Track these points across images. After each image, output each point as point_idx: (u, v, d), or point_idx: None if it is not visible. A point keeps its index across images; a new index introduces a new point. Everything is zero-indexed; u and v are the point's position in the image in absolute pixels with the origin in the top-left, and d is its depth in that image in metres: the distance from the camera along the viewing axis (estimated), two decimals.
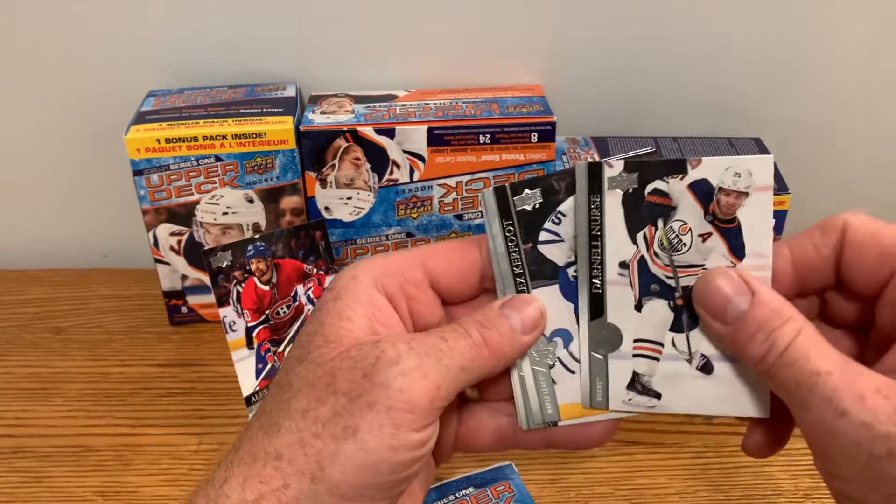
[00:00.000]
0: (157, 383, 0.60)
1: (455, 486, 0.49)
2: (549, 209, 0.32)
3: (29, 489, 0.52)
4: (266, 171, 0.60)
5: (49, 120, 0.69)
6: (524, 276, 0.33)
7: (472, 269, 0.33)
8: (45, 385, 0.60)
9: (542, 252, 0.32)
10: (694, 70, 0.67)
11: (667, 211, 0.31)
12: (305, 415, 0.28)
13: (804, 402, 0.27)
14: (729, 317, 0.30)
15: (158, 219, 0.61)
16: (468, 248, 0.33)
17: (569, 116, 0.66)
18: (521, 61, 0.67)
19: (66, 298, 0.69)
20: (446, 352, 0.30)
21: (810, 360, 0.27)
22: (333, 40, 0.66)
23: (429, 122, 0.59)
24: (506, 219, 0.32)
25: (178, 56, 0.66)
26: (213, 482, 0.29)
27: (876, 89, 0.68)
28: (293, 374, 0.30)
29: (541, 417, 0.33)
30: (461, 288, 0.33)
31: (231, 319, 0.49)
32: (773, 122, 0.69)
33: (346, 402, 0.28)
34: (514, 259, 0.33)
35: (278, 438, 0.28)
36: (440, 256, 0.33)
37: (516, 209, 0.32)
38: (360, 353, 0.29)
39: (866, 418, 0.25)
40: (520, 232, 0.32)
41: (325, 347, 0.30)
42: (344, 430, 0.28)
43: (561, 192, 0.32)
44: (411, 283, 0.32)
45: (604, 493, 0.51)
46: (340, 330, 0.30)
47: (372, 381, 0.28)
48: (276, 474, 0.28)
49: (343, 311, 0.30)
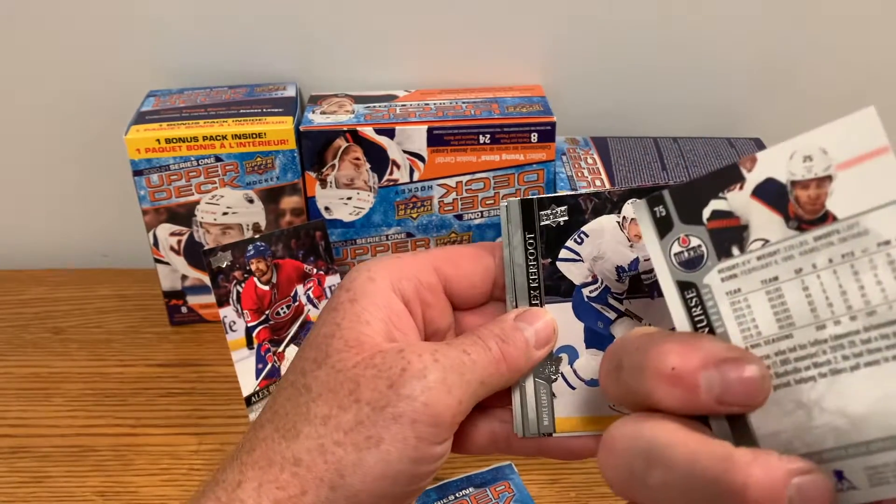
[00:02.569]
0: (157, 383, 0.60)
1: (455, 486, 0.49)
2: (573, 228, 0.32)
3: (29, 489, 0.52)
4: (266, 172, 0.60)
5: (49, 120, 0.69)
6: (539, 289, 0.33)
7: (484, 277, 0.33)
8: (45, 385, 0.60)
9: (560, 269, 0.33)
10: (694, 70, 0.67)
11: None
12: (327, 421, 0.28)
13: None
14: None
15: (158, 219, 0.61)
16: (482, 255, 0.33)
17: (569, 116, 0.66)
18: (521, 61, 0.67)
19: (66, 298, 0.69)
20: (469, 366, 0.29)
21: None
22: (333, 40, 0.66)
23: (429, 122, 0.59)
24: (528, 231, 0.32)
25: (178, 56, 0.66)
26: (225, 484, 0.28)
27: (876, 89, 0.68)
28: (311, 377, 0.29)
29: (537, 428, 0.33)
30: (472, 295, 0.33)
31: (231, 319, 0.49)
32: (773, 122, 0.69)
33: (370, 412, 0.28)
34: (532, 272, 0.32)
35: (297, 444, 0.28)
36: (454, 262, 0.33)
37: (540, 223, 0.32)
38: (384, 363, 0.29)
39: None
40: (541, 246, 0.32)
41: (346, 352, 0.29)
42: (367, 439, 0.28)
43: (587, 212, 0.32)
44: (427, 288, 0.32)
45: (604, 493, 0.51)
46: (361, 335, 0.30)
47: (398, 392, 0.28)
48: (295, 480, 0.28)
49: (361, 314, 0.30)
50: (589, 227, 0.32)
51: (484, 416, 0.34)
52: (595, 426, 0.33)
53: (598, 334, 0.33)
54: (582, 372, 0.33)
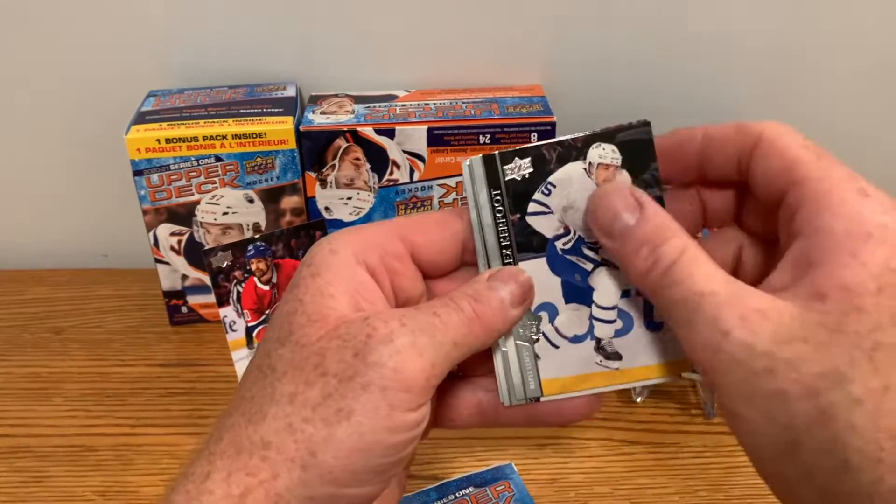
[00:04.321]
0: (157, 383, 0.60)
1: (455, 485, 0.49)
2: (539, 179, 0.31)
3: (29, 489, 0.52)
4: (266, 172, 0.60)
5: (49, 120, 0.69)
6: (511, 248, 0.32)
7: (453, 242, 0.32)
8: (45, 385, 0.60)
9: (529, 223, 0.32)
10: (694, 70, 0.67)
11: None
12: (293, 399, 0.27)
13: (688, 321, 0.27)
14: (616, 231, 0.29)
15: (158, 219, 0.61)
16: (449, 220, 0.32)
17: (569, 116, 0.66)
18: (521, 61, 0.67)
19: (66, 298, 0.69)
20: (439, 327, 0.28)
21: (694, 279, 0.27)
22: (333, 40, 0.66)
23: (429, 122, 0.59)
24: (494, 188, 0.31)
25: (178, 56, 0.66)
26: (193, 477, 0.27)
27: (876, 89, 0.68)
28: (275, 357, 0.28)
29: (523, 393, 0.32)
30: (442, 261, 0.32)
31: (231, 319, 0.49)
32: (774, 121, 0.69)
33: (337, 384, 0.27)
34: (502, 230, 0.32)
35: (264, 426, 0.27)
36: (420, 229, 0.31)
37: (505, 178, 0.31)
38: (348, 332, 0.28)
39: (747, 337, 0.25)
40: (508, 202, 0.31)
41: (308, 327, 0.28)
42: (336, 413, 0.26)
43: (552, 161, 0.31)
44: (392, 257, 0.31)
45: (604, 493, 0.51)
46: (324, 308, 0.28)
47: (365, 360, 0.27)
48: (264, 465, 0.26)
49: (324, 288, 0.29)
50: (555, 177, 0.31)
51: (468, 385, 0.33)
52: (584, 384, 0.32)
53: (577, 287, 0.32)
54: (564, 329, 0.32)
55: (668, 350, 0.32)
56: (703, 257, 0.28)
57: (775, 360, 0.25)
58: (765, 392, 0.25)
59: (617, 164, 0.31)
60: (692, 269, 0.27)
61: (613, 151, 0.31)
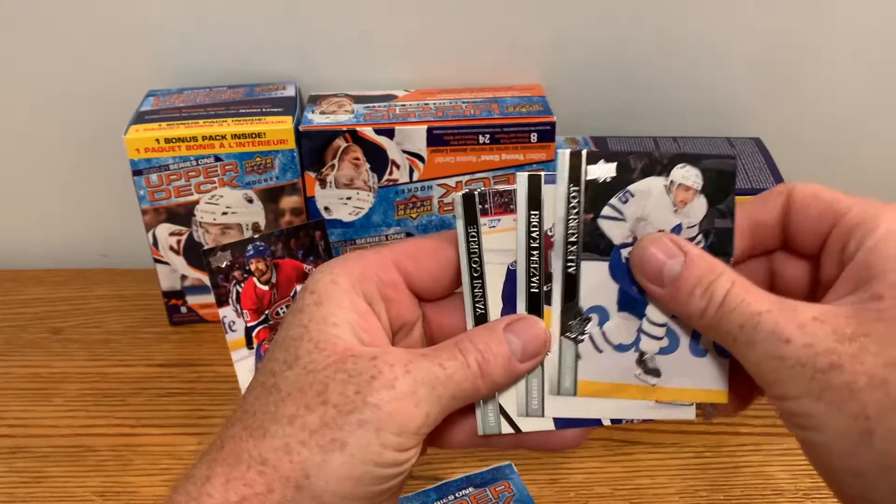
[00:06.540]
0: (156, 383, 0.60)
1: (455, 485, 0.49)
2: (620, 186, 0.32)
3: (29, 489, 0.52)
4: (266, 171, 0.60)
5: (48, 120, 0.69)
6: (578, 245, 0.32)
7: (446, 270, 0.33)
8: (44, 385, 0.60)
9: (600, 226, 0.32)
10: (694, 70, 0.67)
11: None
12: (293, 421, 0.28)
13: (750, 340, 0.28)
14: (666, 279, 0.31)
15: (158, 219, 0.61)
16: (441, 247, 0.33)
17: (569, 116, 0.66)
18: (521, 61, 0.67)
19: (66, 298, 0.69)
20: (442, 380, 0.29)
21: (749, 302, 0.29)
22: (333, 40, 0.66)
23: (428, 122, 0.59)
24: (573, 184, 0.32)
25: (178, 56, 0.66)
26: (194, 479, 0.29)
27: (875, 89, 0.68)
28: (281, 378, 0.30)
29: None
30: (435, 288, 0.33)
31: (231, 319, 0.49)
32: (773, 122, 0.69)
33: (336, 415, 0.28)
34: (571, 226, 0.32)
35: (264, 443, 0.28)
36: (413, 257, 0.33)
37: (587, 177, 0.32)
38: (355, 368, 0.29)
39: (808, 340, 0.27)
40: (584, 200, 0.32)
41: (316, 353, 0.30)
42: (332, 441, 0.28)
43: (636, 171, 0.32)
44: (388, 285, 0.32)
45: (604, 493, 0.51)
46: (330, 337, 0.30)
47: (365, 399, 0.28)
48: (260, 479, 0.28)
49: (328, 317, 0.30)
50: (635, 187, 0.32)
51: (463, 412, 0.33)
52: (617, 393, 0.33)
53: (633, 298, 0.32)
54: (611, 335, 0.33)
55: (706, 378, 0.33)
56: (752, 285, 0.30)
57: (840, 355, 0.27)
58: (833, 386, 0.27)
59: (697, 189, 0.32)
60: (745, 295, 0.29)
61: (697, 175, 0.32)
